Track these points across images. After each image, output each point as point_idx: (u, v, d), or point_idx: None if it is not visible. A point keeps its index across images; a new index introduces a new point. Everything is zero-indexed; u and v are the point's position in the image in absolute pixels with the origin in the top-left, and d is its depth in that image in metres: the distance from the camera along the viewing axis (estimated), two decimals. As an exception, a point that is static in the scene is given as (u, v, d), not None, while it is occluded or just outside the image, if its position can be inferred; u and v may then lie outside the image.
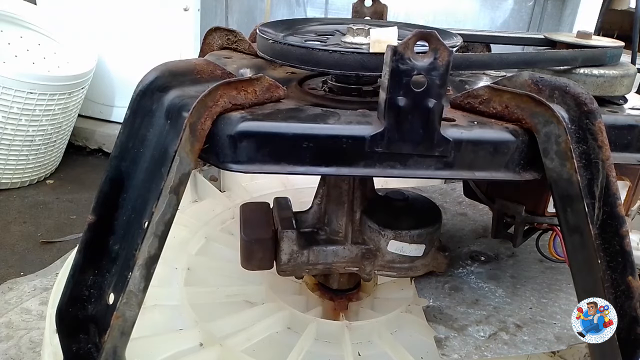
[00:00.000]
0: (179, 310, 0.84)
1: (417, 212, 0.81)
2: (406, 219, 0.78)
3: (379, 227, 0.76)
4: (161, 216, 0.52)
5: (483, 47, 0.90)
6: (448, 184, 1.16)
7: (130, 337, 0.55)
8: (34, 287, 1.52)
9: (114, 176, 0.57)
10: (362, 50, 0.60)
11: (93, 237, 0.57)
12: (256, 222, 0.78)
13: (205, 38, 0.84)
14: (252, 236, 0.76)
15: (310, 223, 0.83)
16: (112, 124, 2.51)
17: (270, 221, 0.79)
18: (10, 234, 1.81)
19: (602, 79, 0.67)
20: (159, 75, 0.57)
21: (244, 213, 0.80)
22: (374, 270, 0.80)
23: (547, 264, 0.87)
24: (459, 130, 0.54)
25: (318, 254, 0.78)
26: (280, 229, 0.76)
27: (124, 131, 0.57)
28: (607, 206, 0.53)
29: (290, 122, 0.53)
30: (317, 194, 0.82)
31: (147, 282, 0.53)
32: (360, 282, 0.92)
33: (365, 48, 0.61)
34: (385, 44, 0.51)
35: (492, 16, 2.43)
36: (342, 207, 0.79)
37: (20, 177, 2.11)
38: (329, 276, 0.89)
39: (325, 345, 0.81)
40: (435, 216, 0.81)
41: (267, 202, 0.84)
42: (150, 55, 2.28)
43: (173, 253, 0.94)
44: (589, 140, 0.53)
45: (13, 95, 1.89)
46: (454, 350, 0.68)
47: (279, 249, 0.76)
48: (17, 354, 1.26)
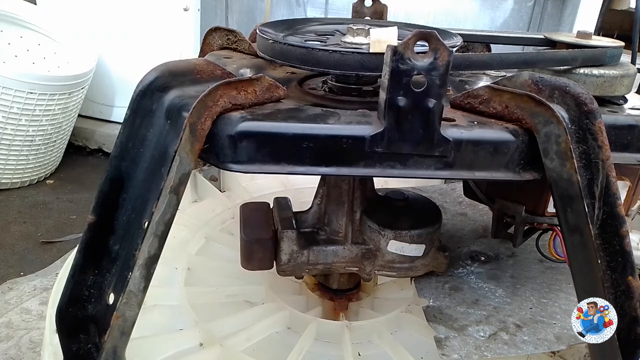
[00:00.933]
0: (179, 310, 0.84)
1: (417, 212, 0.81)
2: (406, 219, 0.78)
3: (379, 227, 0.76)
4: (161, 216, 0.52)
5: (483, 47, 0.90)
6: (448, 184, 1.16)
7: (130, 337, 0.55)
8: (34, 287, 1.52)
9: (114, 176, 0.57)
10: (362, 50, 0.60)
11: (93, 237, 0.57)
12: (256, 222, 0.78)
13: (205, 38, 0.84)
14: (252, 236, 0.76)
15: (310, 223, 0.83)
16: (112, 124, 2.51)
17: (270, 221, 0.79)
18: (10, 234, 1.81)
19: (602, 79, 0.67)
20: (159, 75, 0.57)
21: (244, 213, 0.80)
22: (374, 270, 0.80)
23: (547, 264, 0.87)
24: (459, 130, 0.54)
25: (318, 254, 0.78)
26: (280, 229, 0.76)
27: (124, 131, 0.57)
28: (607, 206, 0.53)
29: (290, 122, 0.53)
30: (317, 194, 0.82)
31: (147, 282, 0.53)
32: (360, 282, 0.92)
33: (365, 48, 0.61)
34: (386, 43, 0.51)
35: (492, 16, 2.43)
36: (342, 207, 0.79)
37: (20, 177, 2.11)
38: (329, 276, 0.89)
39: (325, 345, 0.81)
40: (435, 216, 0.81)
41: (267, 202, 0.84)
42: (150, 55, 2.28)
43: (173, 253, 0.94)
44: (589, 140, 0.53)
45: (13, 95, 1.89)
46: (454, 350, 0.68)
47: (279, 249, 0.76)
48: (17, 354, 1.26)
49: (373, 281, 0.92)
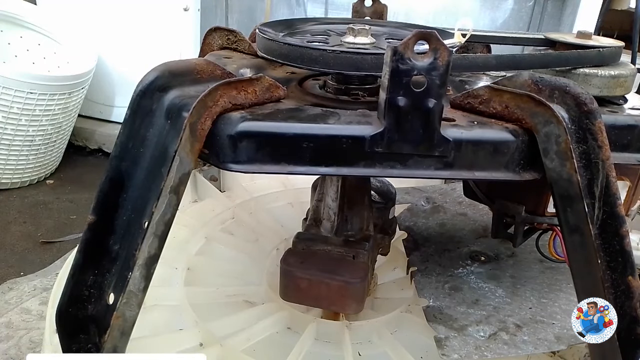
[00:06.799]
0: (179, 310, 0.84)
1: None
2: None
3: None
4: (161, 216, 0.52)
5: (483, 47, 0.90)
6: (448, 184, 1.16)
7: (130, 337, 0.55)
8: (34, 287, 1.52)
9: (114, 176, 0.57)
10: (362, 50, 0.60)
11: (93, 237, 0.57)
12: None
13: (205, 38, 0.84)
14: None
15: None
16: (112, 124, 2.50)
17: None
18: (10, 234, 1.81)
19: (602, 79, 0.67)
20: (159, 75, 0.57)
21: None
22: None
23: (547, 264, 0.87)
24: (459, 130, 0.54)
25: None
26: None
27: (124, 131, 0.57)
28: (607, 206, 0.53)
29: (290, 122, 0.53)
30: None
31: (147, 282, 0.53)
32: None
33: (365, 48, 0.61)
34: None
35: (492, 16, 2.43)
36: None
37: (20, 177, 2.11)
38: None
39: (325, 345, 0.81)
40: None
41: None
42: (150, 55, 2.27)
43: (173, 253, 0.94)
44: (589, 140, 0.53)
45: (13, 95, 1.89)
46: (454, 350, 0.68)
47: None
48: (17, 354, 1.26)
49: (373, 281, 0.92)
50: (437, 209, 1.06)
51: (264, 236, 1.07)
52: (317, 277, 0.75)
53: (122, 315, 0.53)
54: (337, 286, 0.75)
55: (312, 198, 0.87)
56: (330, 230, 0.82)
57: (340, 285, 0.75)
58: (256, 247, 1.04)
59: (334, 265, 0.76)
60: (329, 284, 0.75)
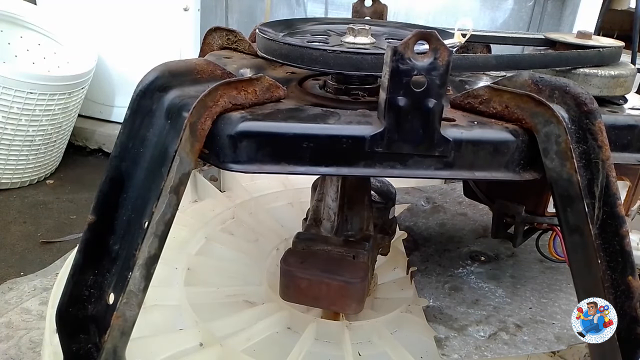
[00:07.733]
0: (179, 310, 0.84)
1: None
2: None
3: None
4: (161, 216, 0.52)
5: (483, 47, 0.90)
6: (448, 184, 1.16)
7: (130, 337, 0.55)
8: (34, 287, 1.52)
9: (114, 176, 0.57)
10: (362, 50, 0.60)
11: (93, 237, 0.57)
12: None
13: (205, 38, 0.84)
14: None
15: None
16: (112, 124, 2.50)
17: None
18: (10, 234, 1.81)
19: (602, 79, 0.67)
20: (159, 75, 0.57)
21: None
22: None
23: (547, 264, 0.87)
24: (459, 130, 0.54)
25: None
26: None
27: (124, 131, 0.57)
28: (607, 206, 0.53)
29: (290, 122, 0.53)
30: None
31: (147, 282, 0.53)
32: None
33: (365, 48, 0.61)
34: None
35: (492, 16, 2.43)
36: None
37: (20, 177, 2.11)
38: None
39: (325, 345, 0.81)
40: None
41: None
42: (150, 55, 2.28)
43: (173, 253, 0.94)
44: (589, 140, 0.53)
45: (13, 95, 1.89)
46: (454, 350, 0.68)
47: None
48: (17, 354, 1.26)
49: (373, 281, 0.92)
50: (437, 209, 1.06)
51: (264, 236, 1.07)
52: (317, 277, 0.75)
53: (122, 315, 0.53)
54: (337, 286, 0.75)
55: (312, 198, 0.87)
56: (330, 230, 0.81)
57: (340, 285, 0.75)
58: (256, 247, 1.04)
59: (334, 265, 0.76)
60: (329, 284, 0.75)
